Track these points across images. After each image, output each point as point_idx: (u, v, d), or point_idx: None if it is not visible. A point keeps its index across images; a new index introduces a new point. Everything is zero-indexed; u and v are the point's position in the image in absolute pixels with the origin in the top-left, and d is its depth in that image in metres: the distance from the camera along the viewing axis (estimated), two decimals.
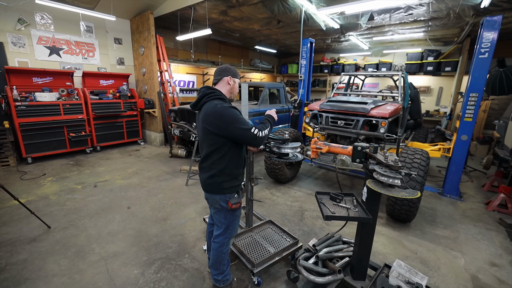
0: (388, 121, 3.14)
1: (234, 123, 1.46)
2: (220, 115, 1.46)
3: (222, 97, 1.57)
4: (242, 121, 1.49)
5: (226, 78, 1.64)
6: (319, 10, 4.26)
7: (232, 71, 1.67)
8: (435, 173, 4.93)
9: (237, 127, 1.46)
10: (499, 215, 3.28)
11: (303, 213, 3.21)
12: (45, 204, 3.23)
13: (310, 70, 5.21)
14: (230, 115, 1.47)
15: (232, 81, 1.66)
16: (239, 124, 1.46)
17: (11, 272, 2.07)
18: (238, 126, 1.46)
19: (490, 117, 6.79)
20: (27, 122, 4.59)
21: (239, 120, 1.48)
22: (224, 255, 1.80)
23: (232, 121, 1.46)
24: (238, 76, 1.71)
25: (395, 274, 1.70)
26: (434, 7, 4.54)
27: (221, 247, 1.77)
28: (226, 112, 1.46)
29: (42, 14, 5.05)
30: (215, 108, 1.48)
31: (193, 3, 4.94)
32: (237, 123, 1.46)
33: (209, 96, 1.56)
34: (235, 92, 1.72)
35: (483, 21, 3.20)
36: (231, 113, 1.47)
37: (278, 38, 7.98)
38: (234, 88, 1.69)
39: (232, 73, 1.67)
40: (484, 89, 3.40)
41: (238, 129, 1.46)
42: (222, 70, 1.66)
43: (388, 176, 1.44)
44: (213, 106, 1.50)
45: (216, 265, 1.81)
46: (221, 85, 1.65)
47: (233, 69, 1.68)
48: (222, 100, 1.55)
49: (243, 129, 1.47)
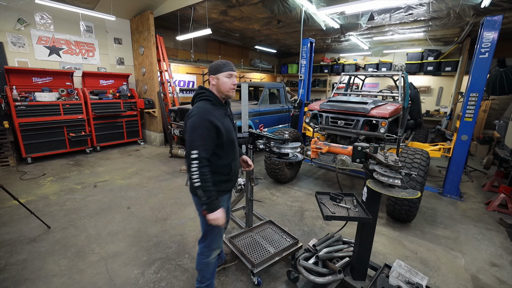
0: (388, 121, 3.13)
1: (189, 133, 1.38)
2: (186, 120, 1.43)
3: (209, 98, 1.49)
4: (196, 136, 1.37)
5: (209, 78, 1.52)
6: (319, 10, 4.26)
7: (212, 68, 1.51)
8: (435, 173, 4.92)
9: (188, 138, 1.39)
10: (499, 215, 3.27)
11: (303, 213, 3.20)
12: (45, 204, 3.23)
13: (310, 70, 5.21)
14: (192, 124, 1.39)
15: (214, 80, 1.50)
16: (191, 137, 1.38)
17: (10, 272, 2.07)
18: (189, 137, 1.38)
19: (490, 117, 6.79)
20: (27, 122, 4.59)
21: (196, 133, 1.37)
22: (204, 266, 1.68)
23: (190, 130, 1.38)
24: (222, 70, 1.48)
25: (395, 274, 1.70)
26: (434, 7, 4.53)
27: (200, 255, 1.67)
28: (191, 119, 1.40)
29: (42, 14, 5.04)
30: (190, 112, 1.43)
31: (193, 3, 4.94)
32: (191, 134, 1.38)
33: (199, 96, 1.52)
34: (224, 89, 1.51)
35: (483, 21, 3.20)
36: (194, 123, 1.38)
37: (278, 38, 7.98)
38: (220, 86, 1.50)
39: (212, 70, 1.50)
40: (484, 89, 3.40)
41: (187, 141, 1.39)
42: (208, 69, 1.56)
43: (388, 176, 1.43)
44: (191, 109, 1.46)
45: (198, 272, 1.73)
46: (210, 85, 1.55)
47: (214, 65, 1.51)
48: (208, 102, 1.49)
49: (188, 144, 1.37)
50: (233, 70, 1.51)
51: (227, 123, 1.52)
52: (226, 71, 1.49)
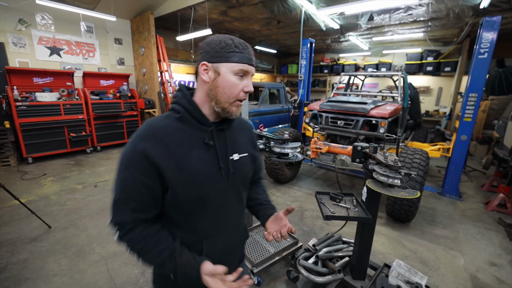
0: (387, 121, 3.14)
1: (118, 170, 0.76)
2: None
3: (177, 108, 0.80)
4: (117, 182, 0.75)
5: (199, 69, 0.78)
6: (319, 10, 4.27)
7: (211, 48, 0.76)
8: (434, 173, 4.93)
9: (116, 177, 0.76)
10: (498, 215, 3.28)
11: (303, 213, 3.21)
12: (46, 204, 3.23)
13: (310, 70, 5.21)
14: (120, 157, 0.76)
15: (210, 73, 0.77)
16: (117, 175, 0.75)
17: (12, 272, 2.08)
18: (117, 177, 0.76)
19: (490, 117, 6.79)
20: (28, 122, 4.59)
21: (117, 177, 0.75)
22: None
23: (118, 166, 0.76)
24: (231, 57, 0.75)
25: (394, 273, 1.70)
26: (433, 7, 4.55)
27: None
28: (127, 145, 0.76)
29: (42, 15, 5.05)
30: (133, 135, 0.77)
31: (193, 4, 4.95)
32: (119, 172, 0.75)
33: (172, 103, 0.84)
34: (225, 97, 0.78)
35: (483, 22, 3.21)
36: (121, 156, 0.76)
37: (278, 38, 7.99)
38: (218, 88, 0.77)
39: (210, 52, 0.76)
40: (483, 89, 3.41)
41: (114, 183, 0.76)
42: (198, 49, 0.81)
43: (388, 176, 1.44)
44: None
45: None
46: (198, 83, 0.82)
47: (214, 43, 0.76)
48: (174, 115, 0.80)
49: (115, 186, 0.76)
50: (251, 63, 0.80)
51: (197, 161, 0.78)
52: (238, 61, 0.76)
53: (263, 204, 1.04)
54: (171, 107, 0.83)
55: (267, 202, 1.05)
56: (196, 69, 0.81)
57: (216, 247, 0.86)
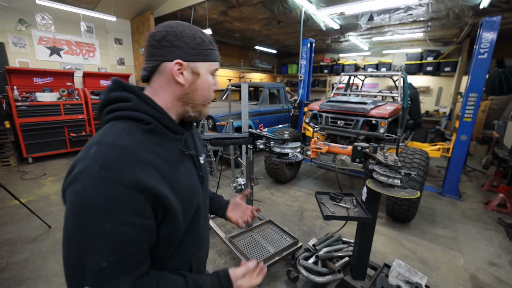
0: (387, 121, 3.15)
1: (87, 225, 0.53)
2: (73, 185, 0.55)
3: (144, 118, 0.62)
4: (94, 243, 0.53)
5: (168, 66, 0.63)
6: (319, 10, 4.28)
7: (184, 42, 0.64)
8: (434, 173, 4.93)
9: (87, 237, 0.54)
10: (498, 215, 3.29)
11: (303, 213, 3.21)
12: (46, 204, 3.23)
13: (310, 70, 5.22)
14: (78, 204, 0.53)
15: (186, 73, 0.65)
16: (91, 234, 0.53)
17: (12, 272, 2.08)
18: (89, 236, 0.54)
19: (490, 117, 6.80)
20: (28, 122, 4.59)
21: (93, 235, 0.53)
22: None
23: (87, 220, 0.53)
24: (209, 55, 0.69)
25: (394, 273, 1.71)
26: (433, 7, 4.55)
27: None
28: (75, 188, 0.54)
29: (42, 15, 5.06)
30: (84, 156, 0.57)
31: (193, 4, 4.95)
32: (93, 227, 0.53)
33: (113, 110, 0.63)
34: (201, 99, 0.70)
35: (482, 22, 3.21)
36: (84, 202, 0.52)
37: (278, 39, 7.99)
38: (197, 91, 0.68)
39: (184, 49, 0.64)
40: (483, 89, 3.41)
41: (85, 246, 0.55)
42: (158, 40, 0.63)
43: (388, 176, 1.44)
44: (86, 146, 0.59)
45: None
46: (158, 84, 0.66)
47: (187, 36, 0.64)
48: (139, 127, 0.61)
49: (89, 251, 0.54)
50: (219, 59, 0.74)
51: (186, 176, 0.69)
52: (215, 59, 0.71)
53: (212, 197, 1.02)
54: (128, 116, 0.61)
55: (214, 194, 1.04)
56: (154, 67, 0.64)
57: (201, 260, 0.82)
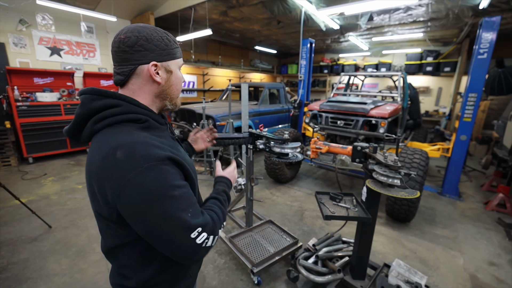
0: (387, 121, 3.15)
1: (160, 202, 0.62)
2: (127, 186, 0.60)
3: (137, 117, 0.70)
4: (180, 201, 0.64)
5: (145, 68, 0.71)
6: (319, 10, 4.29)
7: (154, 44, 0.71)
8: (434, 173, 4.94)
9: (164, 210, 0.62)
10: (498, 215, 3.29)
11: (303, 212, 3.22)
12: (46, 204, 3.24)
13: (310, 71, 5.22)
14: (151, 187, 0.61)
15: (163, 72, 0.75)
16: (165, 207, 0.62)
17: (12, 271, 2.08)
18: (164, 209, 0.62)
19: (489, 117, 6.80)
20: (28, 122, 4.60)
21: (171, 191, 0.63)
22: None
23: (157, 201, 0.61)
24: (176, 53, 0.79)
25: (394, 273, 1.71)
26: (433, 7, 4.56)
27: None
28: (142, 179, 0.60)
29: (43, 15, 5.06)
30: (114, 162, 0.62)
31: (194, 4, 4.96)
32: (164, 202, 0.62)
33: (107, 116, 0.69)
34: (176, 93, 0.81)
35: (482, 22, 3.22)
36: (152, 181, 0.61)
37: (278, 39, 8.00)
38: (172, 87, 0.79)
39: (156, 51, 0.72)
40: (483, 89, 3.41)
41: (164, 220, 0.62)
42: (130, 46, 0.69)
43: (388, 176, 1.45)
44: (107, 153, 0.63)
45: None
46: (137, 85, 0.73)
47: (156, 39, 0.72)
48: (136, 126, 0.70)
49: (177, 224, 0.62)
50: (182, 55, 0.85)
51: (185, 155, 0.82)
52: (180, 56, 0.82)
53: None
54: (124, 119, 0.70)
55: None
56: (131, 71, 0.72)
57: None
